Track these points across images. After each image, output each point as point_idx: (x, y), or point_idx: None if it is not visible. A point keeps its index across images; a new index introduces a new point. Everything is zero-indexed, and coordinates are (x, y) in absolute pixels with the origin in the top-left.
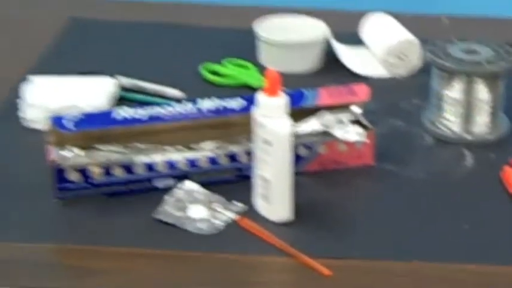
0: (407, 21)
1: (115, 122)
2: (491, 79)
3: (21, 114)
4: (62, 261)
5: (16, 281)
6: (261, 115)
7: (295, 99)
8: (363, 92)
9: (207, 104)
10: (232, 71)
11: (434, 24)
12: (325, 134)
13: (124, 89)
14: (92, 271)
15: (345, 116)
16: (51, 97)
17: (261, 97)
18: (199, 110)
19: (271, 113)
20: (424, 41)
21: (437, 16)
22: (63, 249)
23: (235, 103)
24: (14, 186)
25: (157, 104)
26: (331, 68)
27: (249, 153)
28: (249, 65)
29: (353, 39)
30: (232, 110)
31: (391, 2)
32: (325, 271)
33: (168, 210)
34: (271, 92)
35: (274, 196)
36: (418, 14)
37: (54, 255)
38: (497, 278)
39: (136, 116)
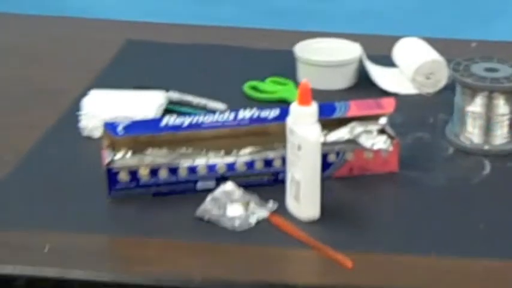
0: (439, 45)
1: (160, 128)
2: (510, 95)
3: (80, 124)
4: (113, 251)
5: (72, 266)
6: (293, 123)
7: (328, 110)
8: (389, 105)
9: (245, 113)
10: (272, 87)
11: (464, 48)
12: (354, 143)
13: (172, 102)
14: (139, 260)
15: (372, 127)
16: (106, 108)
17: (293, 107)
18: (237, 118)
19: (302, 121)
20: (451, 62)
21: (468, 41)
22: (114, 240)
23: (271, 113)
24: (73, 187)
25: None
26: (364, 86)
27: (283, 159)
28: (287, 81)
29: (386, 61)
30: (266, 119)
31: (424, 28)
32: (348, 263)
33: (208, 208)
34: (303, 101)
35: (303, 196)
36: (450, 38)
37: (106, 245)
38: (507, 272)
39: (179, 123)
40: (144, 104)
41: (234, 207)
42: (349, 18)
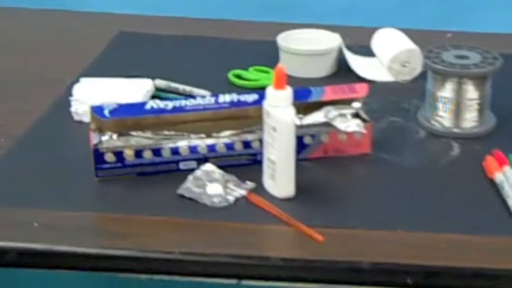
0: (417, 36)
1: (145, 111)
2: (478, 80)
3: (71, 109)
4: (99, 226)
5: (60, 241)
6: (269, 105)
7: (304, 95)
8: (362, 89)
9: (225, 97)
10: (255, 75)
11: (440, 39)
12: (328, 125)
13: (159, 89)
14: (124, 235)
15: (346, 110)
16: (96, 95)
17: (269, 90)
18: (217, 102)
19: (277, 104)
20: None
21: (445, 32)
22: (101, 217)
23: (250, 97)
24: (63, 168)
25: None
26: (343, 75)
27: (261, 141)
28: (270, 70)
29: (365, 51)
30: (246, 103)
31: (405, 20)
32: (319, 237)
33: (189, 187)
34: (278, 85)
35: (278, 175)
36: (427, 30)
37: (93, 221)
38: (468, 246)
39: (163, 107)
40: (132, 90)
41: (213, 186)
42: (333, 12)
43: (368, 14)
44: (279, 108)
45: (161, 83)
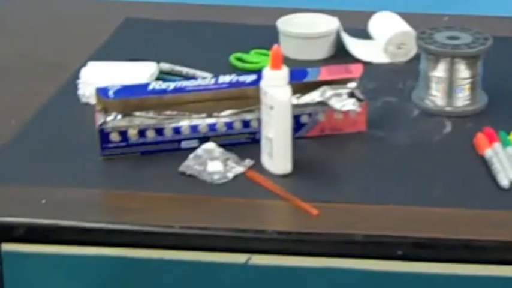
0: (414, 19)
1: (148, 92)
2: (470, 60)
3: (79, 92)
4: (105, 203)
5: (67, 216)
6: (266, 85)
7: (301, 75)
8: (357, 70)
9: (225, 78)
10: (256, 58)
11: (437, 21)
12: (325, 105)
13: (163, 72)
14: (128, 210)
15: (342, 90)
16: (102, 77)
17: (266, 71)
18: (217, 83)
19: (274, 83)
20: None
21: (441, 15)
22: (106, 194)
23: (248, 78)
24: (70, 147)
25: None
26: (341, 57)
27: (259, 120)
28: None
29: (362, 34)
30: (244, 83)
31: (399, 4)
32: (314, 211)
33: (190, 164)
34: (274, 65)
35: (275, 152)
36: (424, 13)
37: (98, 198)
38: (457, 219)
39: (165, 87)
40: (137, 73)
41: (214, 163)
42: None
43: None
44: (276, 87)
45: (165, 66)
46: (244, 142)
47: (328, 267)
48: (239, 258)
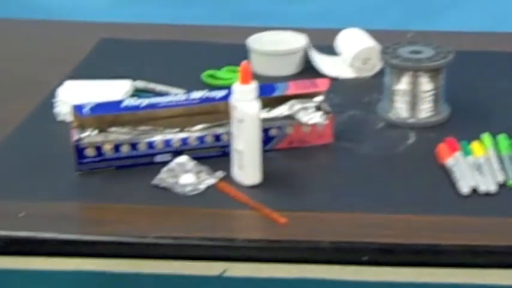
0: (380, 35)
1: (122, 108)
2: (432, 73)
3: (55, 110)
4: (82, 215)
5: (44, 229)
6: (235, 100)
7: (269, 90)
8: (323, 84)
9: (196, 94)
10: (227, 75)
11: (402, 38)
12: (293, 118)
13: (138, 90)
14: (104, 222)
15: (309, 104)
16: (78, 95)
17: (235, 86)
18: (189, 99)
19: (243, 98)
20: None
21: (407, 31)
22: (82, 207)
23: (219, 93)
24: (47, 163)
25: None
26: (309, 73)
27: (230, 134)
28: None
29: (330, 50)
30: (215, 99)
31: (365, 20)
32: (282, 220)
33: (163, 177)
34: (244, 80)
35: (245, 164)
36: (390, 30)
37: (75, 210)
38: (420, 224)
39: (138, 104)
40: (112, 91)
41: (186, 176)
42: (300, 17)
43: (334, 19)
44: (245, 101)
45: (140, 83)
46: (215, 155)
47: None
48: (213, 270)
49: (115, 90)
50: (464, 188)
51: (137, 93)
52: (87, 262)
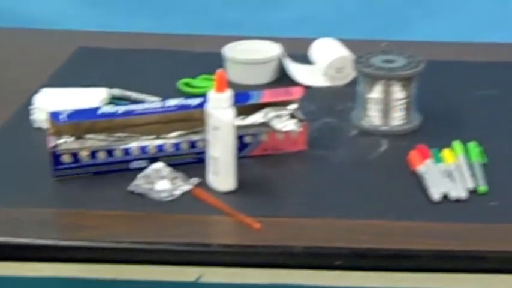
0: (354, 45)
1: (98, 115)
2: (404, 82)
3: (32, 117)
4: (58, 221)
5: (21, 234)
6: (211, 107)
7: (244, 98)
8: (297, 92)
9: (172, 102)
10: (203, 83)
11: (376, 47)
12: (267, 126)
13: (114, 97)
14: (81, 227)
15: (283, 111)
16: (55, 103)
17: (211, 94)
18: (164, 106)
19: (218, 105)
20: None
21: (379, 41)
22: (58, 212)
23: (194, 101)
24: (24, 169)
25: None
26: (284, 81)
27: (205, 141)
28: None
29: (305, 59)
30: (190, 106)
31: (339, 30)
32: (256, 225)
33: (139, 184)
34: (219, 88)
35: (220, 171)
36: (364, 39)
37: (52, 216)
38: (392, 230)
39: (115, 111)
40: (88, 98)
41: (162, 182)
42: (275, 27)
43: (308, 28)
44: (221, 109)
45: (116, 91)
46: (191, 162)
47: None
48: (189, 275)
49: (91, 97)
50: (436, 194)
51: (114, 100)
52: (64, 267)
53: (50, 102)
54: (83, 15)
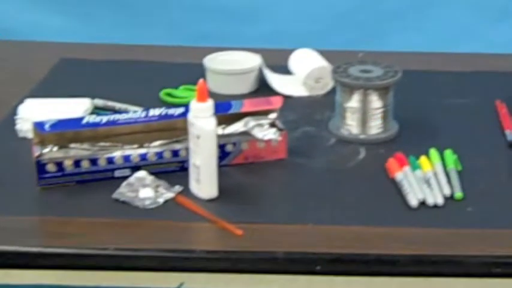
0: (331, 55)
1: (82, 125)
2: (382, 91)
3: (17, 127)
4: (42, 229)
5: (8, 243)
6: (193, 117)
7: (225, 107)
8: (277, 101)
9: (155, 111)
10: (184, 93)
11: (352, 57)
12: (248, 134)
13: (97, 107)
14: (65, 235)
15: (263, 121)
16: (39, 113)
17: (193, 103)
18: (147, 116)
19: (200, 114)
20: None
21: (356, 51)
22: (43, 220)
23: (177, 111)
24: (8, 178)
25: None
26: (263, 91)
27: (187, 150)
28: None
29: (284, 70)
30: (173, 116)
31: (317, 41)
32: (238, 231)
33: (123, 192)
34: (200, 98)
35: (202, 178)
36: (341, 50)
37: (37, 224)
38: (371, 235)
39: (98, 121)
40: (72, 109)
41: (145, 190)
42: (254, 38)
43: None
44: (202, 118)
45: (99, 102)
46: (173, 170)
47: None
48: (172, 281)
49: (75, 108)
50: (413, 200)
51: (97, 111)
52: (48, 274)
53: (34, 112)
54: (64, 28)
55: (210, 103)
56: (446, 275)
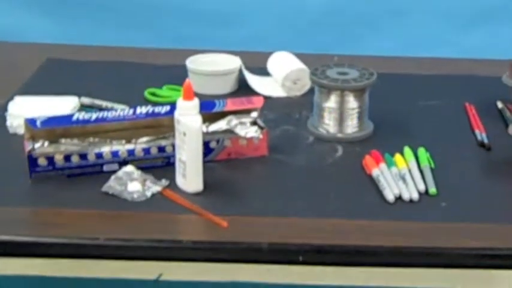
0: (308, 58)
1: (72, 122)
2: (358, 93)
3: (7, 123)
4: (35, 219)
5: (3, 232)
6: (179, 114)
7: (209, 106)
8: (258, 101)
9: (142, 109)
10: (168, 93)
11: (328, 61)
12: (231, 132)
13: (84, 105)
14: (56, 225)
15: (245, 119)
16: (28, 110)
17: (179, 102)
18: (135, 113)
19: (186, 112)
20: None
21: (331, 55)
22: (35, 211)
23: (163, 109)
24: (1, 171)
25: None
26: (244, 92)
27: (173, 146)
28: (181, 88)
29: (263, 71)
30: (159, 114)
31: (294, 44)
32: (223, 223)
33: (112, 185)
34: (187, 97)
35: (188, 173)
36: (317, 53)
37: (29, 215)
38: (350, 228)
39: (88, 118)
40: (60, 106)
41: (133, 184)
42: (234, 42)
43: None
44: (188, 116)
45: (86, 100)
46: (160, 165)
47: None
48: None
49: (63, 105)
50: (390, 195)
51: (84, 108)
52: (39, 263)
53: (24, 109)
54: (51, 29)
55: (196, 101)
56: (422, 266)
